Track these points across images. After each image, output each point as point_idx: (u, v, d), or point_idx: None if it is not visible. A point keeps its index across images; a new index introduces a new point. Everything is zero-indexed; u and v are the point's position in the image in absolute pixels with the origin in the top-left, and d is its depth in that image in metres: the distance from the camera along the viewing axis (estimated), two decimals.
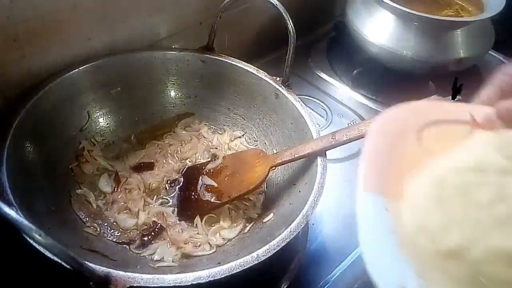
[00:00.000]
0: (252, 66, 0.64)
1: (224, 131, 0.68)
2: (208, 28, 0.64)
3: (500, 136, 0.35)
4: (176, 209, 0.58)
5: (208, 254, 0.53)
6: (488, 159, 0.33)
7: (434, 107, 0.41)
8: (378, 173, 0.36)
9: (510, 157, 0.32)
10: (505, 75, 0.38)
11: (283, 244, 0.43)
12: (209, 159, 0.63)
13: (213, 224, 0.56)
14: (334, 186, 0.66)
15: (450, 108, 0.40)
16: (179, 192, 0.59)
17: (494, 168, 0.32)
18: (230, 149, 0.66)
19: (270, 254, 0.42)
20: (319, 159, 0.51)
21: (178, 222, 0.56)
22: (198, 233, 0.55)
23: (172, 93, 0.67)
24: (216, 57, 0.65)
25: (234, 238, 0.55)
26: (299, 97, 0.60)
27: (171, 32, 0.69)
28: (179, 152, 0.65)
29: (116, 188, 0.58)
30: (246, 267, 0.41)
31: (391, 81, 0.83)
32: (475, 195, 0.31)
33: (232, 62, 0.64)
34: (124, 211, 0.56)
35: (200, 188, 0.59)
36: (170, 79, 0.66)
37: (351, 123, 0.77)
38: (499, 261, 0.28)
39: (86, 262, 0.35)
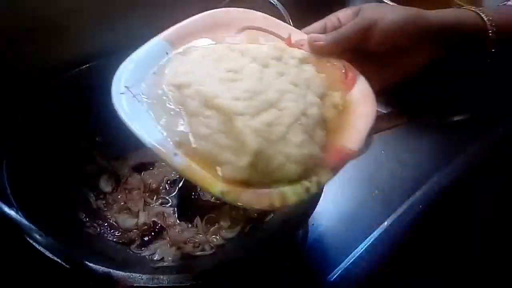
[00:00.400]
0: None
1: None
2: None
3: (287, 49, 0.45)
4: (176, 209, 0.58)
5: (208, 254, 0.53)
6: (254, 51, 0.43)
7: (266, 18, 0.49)
8: (183, 34, 0.46)
9: (270, 56, 0.43)
10: (333, 16, 0.47)
11: (282, 244, 0.43)
12: None
13: (213, 224, 0.56)
14: (334, 186, 0.66)
15: (277, 24, 0.49)
16: (179, 192, 0.59)
17: (252, 55, 0.43)
18: None
19: (270, 255, 0.42)
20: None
21: (178, 222, 0.56)
22: (198, 233, 0.55)
23: None
24: None
25: (234, 238, 0.55)
26: None
27: None
28: None
29: (116, 188, 0.59)
30: (246, 267, 0.41)
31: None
32: (224, 63, 0.42)
33: None
34: (124, 211, 0.56)
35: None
36: None
37: None
38: (198, 99, 0.39)
39: (86, 262, 0.35)
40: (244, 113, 0.37)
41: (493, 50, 0.43)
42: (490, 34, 0.43)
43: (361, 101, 0.43)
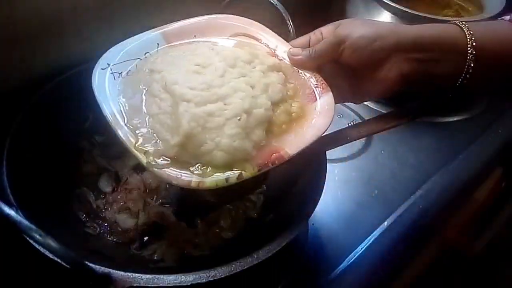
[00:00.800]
0: None
1: None
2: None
3: (261, 55, 0.48)
4: (176, 209, 0.58)
5: (208, 254, 0.53)
6: (229, 52, 0.47)
7: (261, 28, 0.53)
8: (178, 31, 0.51)
9: (241, 59, 0.47)
10: (318, 30, 0.49)
11: (283, 244, 0.43)
12: None
13: (213, 224, 0.56)
14: (334, 186, 0.66)
15: (269, 35, 0.52)
16: (179, 192, 0.59)
17: (224, 55, 0.47)
18: None
19: (270, 254, 0.42)
20: (319, 159, 0.51)
21: (178, 222, 0.56)
22: (198, 233, 0.55)
23: None
24: None
25: (234, 238, 0.55)
26: None
27: None
28: None
29: (116, 188, 0.58)
30: (246, 267, 0.41)
31: None
32: (197, 58, 0.46)
33: None
34: (124, 211, 0.56)
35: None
36: None
37: (351, 123, 0.77)
38: (161, 83, 0.44)
39: (86, 262, 0.35)
40: (191, 100, 0.42)
41: (472, 65, 0.43)
42: (469, 49, 0.43)
43: (319, 114, 0.45)
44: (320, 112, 0.45)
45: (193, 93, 0.42)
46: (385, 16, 0.78)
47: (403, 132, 0.75)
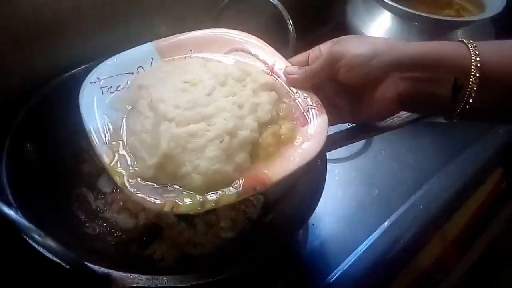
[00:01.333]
0: None
1: None
2: (208, 28, 0.64)
3: (254, 73, 0.47)
4: None
5: (208, 254, 0.53)
6: (220, 69, 0.46)
7: (259, 43, 0.51)
8: (173, 45, 0.50)
9: (231, 76, 0.45)
10: (316, 49, 0.47)
11: (282, 244, 0.43)
12: None
13: (213, 225, 0.56)
14: (334, 186, 0.66)
15: (267, 51, 0.50)
16: None
17: (216, 72, 0.46)
18: None
19: (269, 255, 0.42)
20: (318, 159, 0.51)
21: (177, 222, 0.56)
22: (198, 233, 0.55)
23: None
24: None
25: (234, 238, 0.55)
26: None
27: (171, 32, 0.69)
28: None
29: (115, 188, 0.58)
30: (245, 268, 0.41)
31: None
32: (187, 75, 0.45)
33: None
34: (124, 211, 0.56)
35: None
36: None
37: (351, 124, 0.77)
38: (147, 100, 0.43)
39: (86, 263, 0.35)
40: (173, 120, 0.40)
41: (474, 88, 0.39)
42: (472, 70, 0.39)
43: (310, 138, 0.43)
44: (312, 135, 0.43)
45: (177, 112, 0.41)
46: (386, 16, 0.78)
47: (403, 132, 0.75)
